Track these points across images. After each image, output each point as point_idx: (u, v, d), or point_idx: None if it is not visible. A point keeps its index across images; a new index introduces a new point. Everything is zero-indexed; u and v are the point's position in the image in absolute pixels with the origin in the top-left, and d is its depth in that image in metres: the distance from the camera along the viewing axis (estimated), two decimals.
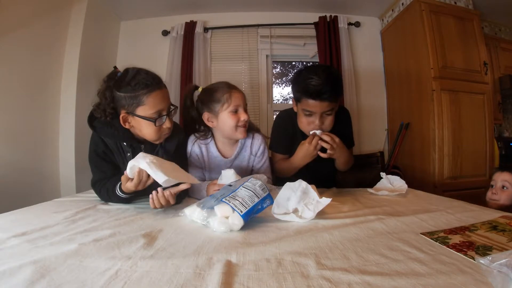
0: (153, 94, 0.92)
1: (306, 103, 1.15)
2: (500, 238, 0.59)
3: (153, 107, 0.92)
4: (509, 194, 1.11)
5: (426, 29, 1.99)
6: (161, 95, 0.94)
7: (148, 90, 0.91)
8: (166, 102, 0.97)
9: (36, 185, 1.78)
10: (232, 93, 1.08)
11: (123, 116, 0.94)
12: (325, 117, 1.18)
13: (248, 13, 2.56)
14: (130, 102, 0.91)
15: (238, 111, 1.08)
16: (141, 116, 0.92)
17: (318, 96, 1.11)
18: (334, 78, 1.14)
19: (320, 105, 1.13)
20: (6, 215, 0.79)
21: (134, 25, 2.59)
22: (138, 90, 0.90)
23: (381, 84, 2.59)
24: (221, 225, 0.66)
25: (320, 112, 1.15)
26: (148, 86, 0.91)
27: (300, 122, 1.24)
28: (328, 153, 1.13)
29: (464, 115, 2.00)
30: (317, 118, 1.16)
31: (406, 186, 1.15)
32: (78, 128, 1.98)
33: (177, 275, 0.44)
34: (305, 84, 1.13)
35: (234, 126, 1.07)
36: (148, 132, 0.96)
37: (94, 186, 1.02)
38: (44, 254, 0.51)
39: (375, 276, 0.44)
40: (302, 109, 1.18)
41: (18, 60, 1.67)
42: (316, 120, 1.16)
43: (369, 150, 2.42)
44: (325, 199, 0.78)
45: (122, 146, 1.01)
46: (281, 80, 2.94)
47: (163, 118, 0.96)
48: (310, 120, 1.18)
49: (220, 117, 1.08)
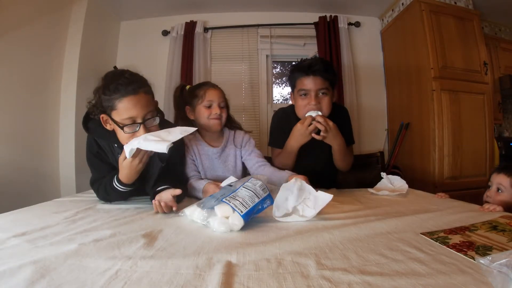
0: (125, 100, 0.87)
1: (300, 82, 1.21)
2: (500, 238, 0.59)
3: (123, 113, 0.87)
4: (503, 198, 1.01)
5: (426, 29, 1.99)
6: (134, 101, 0.88)
7: (120, 95, 0.87)
8: (141, 109, 0.89)
9: (36, 185, 1.78)
10: (208, 90, 1.21)
11: (103, 117, 0.92)
12: (321, 97, 1.21)
13: (248, 13, 2.56)
14: (106, 105, 0.89)
15: (212, 105, 1.20)
16: (114, 121, 0.90)
17: (311, 70, 1.18)
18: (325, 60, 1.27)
19: (314, 81, 1.18)
20: (6, 215, 0.79)
21: (134, 25, 2.59)
22: (112, 94, 0.87)
23: (381, 84, 2.59)
24: (221, 225, 0.66)
25: (315, 90, 1.19)
26: (120, 90, 0.87)
27: (298, 107, 1.26)
28: (321, 135, 1.15)
29: (464, 115, 2.00)
30: (312, 97, 1.19)
31: (407, 186, 1.15)
32: (78, 128, 1.98)
33: (177, 276, 0.44)
34: (298, 65, 1.25)
35: (207, 118, 1.20)
36: (121, 139, 0.92)
37: (92, 186, 1.02)
38: (44, 254, 0.51)
39: (375, 276, 0.44)
40: (298, 91, 1.23)
41: (18, 60, 1.67)
42: (311, 100, 1.19)
43: (369, 150, 2.42)
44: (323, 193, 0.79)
45: (114, 149, 1.00)
46: (281, 80, 2.94)
47: (135, 126, 0.89)
48: (306, 101, 1.21)
49: (196, 110, 1.22)
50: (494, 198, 1.05)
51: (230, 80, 2.55)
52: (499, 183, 1.05)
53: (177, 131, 0.89)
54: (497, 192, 1.05)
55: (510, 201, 1.00)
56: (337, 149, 1.23)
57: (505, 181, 1.04)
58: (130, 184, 0.93)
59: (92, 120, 0.99)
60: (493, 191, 1.06)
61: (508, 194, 1.02)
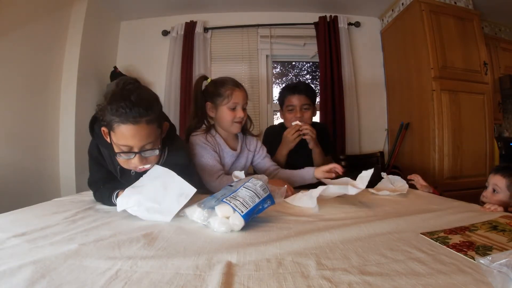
0: (123, 127, 0.78)
1: (288, 99, 1.49)
2: (500, 238, 0.59)
3: (119, 139, 0.80)
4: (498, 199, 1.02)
5: (426, 29, 1.99)
6: (133, 132, 0.79)
7: (119, 120, 0.78)
8: (139, 141, 0.81)
9: (36, 185, 1.78)
10: (235, 91, 1.17)
11: (103, 130, 0.86)
12: (304, 111, 1.48)
13: (248, 13, 2.56)
14: (108, 121, 0.81)
15: (236, 108, 1.18)
16: (111, 140, 0.83)
17: (296, 90, 1.47)
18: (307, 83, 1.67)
19: (299, 98, 1.46)
20: (6, 215, 0.78)
21: (134, 25, 2.59)
22: (113, 115, 0.78)
23: (381, 84, 2.59)
24: (222, 225, 0.66)
25: (299, 105, 1.46)
26: (121, 115, 0.77)
27: (286, 119, 1.52)
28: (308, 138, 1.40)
29: (464, 115, 2.00)
30: (298, 110, 1.46)
31: (407, 186, 1.15)
32: (78, 128, 1.98)
33: (177, 276, 0.44)
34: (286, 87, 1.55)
35: (230, 121, 1.18)
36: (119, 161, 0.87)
37: (90, 186, 1.02)
38: (44, 254, 0.51)
39: (375, 276, 0.44)
40: (286, 106, 1.50)
41: (18, 60, 1.67)
42: (297, 113, 1.46)
43: (369, 150, 2.42)
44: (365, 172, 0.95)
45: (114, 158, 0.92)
46: (281, 80, 2.94)
47: (130, 154, 0.82)
48: (292, 114, 1.47)
49: (219, 110, 1.19)
50: (490, 198, 1.05)
51: None
52: (495, 184, 1.06)
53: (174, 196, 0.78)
54: (493, 193, 1.06)
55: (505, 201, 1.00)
56: (317, 153, 1.46)
57: (500, 182, 1.04)
58: None
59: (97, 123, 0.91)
60: (489, 192, 1.07)
61: (503, 195, 1.03)
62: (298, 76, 3.03)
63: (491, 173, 1.10)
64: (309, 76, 3.03)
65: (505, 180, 1.03)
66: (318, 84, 2.54)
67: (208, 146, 1.16)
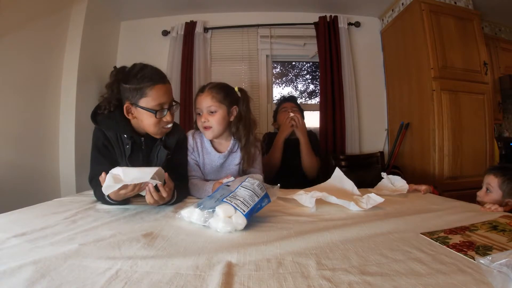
0: (156, 87, 0.96)
1: (282, 106, 1.83)
2: (500, 238, 0.59)
3: (155, 99, 0.96)
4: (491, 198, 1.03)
5: (426, 29, 1.99)
6: (164, 89, 0.99)
7: (152, 83, 0.96)
8: (168, 97, 1.01)
9: (36, 185, 1.78)
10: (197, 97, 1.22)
11: (127, 106, 0.99)
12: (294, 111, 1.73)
13: (248, 13, 2.55)
14: (134, 94, 0.96)
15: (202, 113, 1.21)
16: (143, 107, 0.96)
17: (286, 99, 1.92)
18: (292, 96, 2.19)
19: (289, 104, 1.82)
20: (6, 215, 0.79)
21: (134, 25, 2.59)
22: (143, 83, 0.96)
23: (381, 84, 2.59)
24: (227, 225, 0.66)
25: (290, 107, 1.77)
26: (153, 79, 0.96)
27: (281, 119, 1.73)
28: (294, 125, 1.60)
29: (464, 115, 1.99)
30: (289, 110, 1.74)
31: (407, 186, 1.15)
32: (78, 128, 1.98)
33: (177, 276, 0.44)
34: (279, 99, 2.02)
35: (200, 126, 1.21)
36: (148, 124, 0.99)
37: (91, 182, 1.02)
38: (44, 254, 0.51)
39: (375, 276, 0.44)
40: (281, 109, 1.82)
41: (19, 60, 1.67)
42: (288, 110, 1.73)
43: (369, 150, 2.42)
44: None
45: (122, 138, 1.03)
46: (281, 80, 2.94)
47: (164, 111, 0.99)
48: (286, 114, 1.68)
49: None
50: (483, 198, 1.07)
51: (230, 80, 2.52)
52: (488, 183, 1.07)
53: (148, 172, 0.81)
54: (486, 193, 1.08)
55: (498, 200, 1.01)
56: (303, 143, 1.60)
57: (493, 182, 1.06)
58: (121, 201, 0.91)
59: (100, 114, 1.02)
60: (483, 192, 1.09)
61: (496, 194, 1.04)
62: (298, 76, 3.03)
63: (485, 173, 1.13)
64: (309, 76, 3.03)
65: (497, 179, 1.05)
66: (318, 84, 2.54)
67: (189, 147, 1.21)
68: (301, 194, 0.95)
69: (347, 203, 0.86)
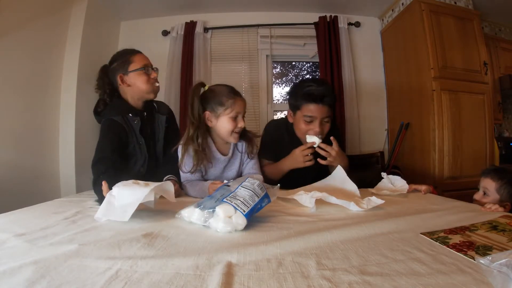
0: (137, 55, 1.25)
1: (307, 109, 1.24)
2: (500, 238, 0.59)
3: (140, 61, 1.23)
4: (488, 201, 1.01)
5: (426, 29, 1.99)
6: (143, 56, 1.27)
7: (132, 53, 1.25)
8: (149, 62, 1.26)
9: (36, 185, 1.77)
10: (236, 100, 1.13)
11: (120, 76, 1.21)
12: (324, 124, 1.27)
13: (248, 13, 2.55)
14: (122, 65, 1.22)
15: (238, 117, 1.14)
16: (133, 70, 1.20)
17: (320, 100, 1.22)
18: (331, 87, 1.29)
19: (321, 110, 1.23)
20: (6, 215, 0.79)
21: (134, 25, 2.59)
22: (126, 55, 1.23)
23: (381, 84, 2.58)
24: (227, 225, 0.66)
25: (320, 118, 1.24)
26: (132, 51, 1.26)
27: (299, 129, 1.30)
28: (328, 161, 1.22)
29: (464, 115, 1.99)
30: (317, 124, 1.24)
31: (407, 186, 1.15)
32: (78, 128, 1.97)
33: (177, 276, 0.44)
34: (306, 91, 1.24)
35: (230, 131, 1.14)
36: (141, 82, 1.21)
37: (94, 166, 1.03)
38: (44, 254, 0.51)
39: (375, 276, 0.44)
40: (303, 116, 1.26)
41: (19, 60, 1.67)
42: (316, 126, 1.24)
43: (369, 150, 2.42)
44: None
45: (128, 119, 1.19)
46: (281, 80, 2.94)
47: (149, 69, 1.24)
48: (310, 127, 1.25)
49: (220, 119, 1.14)
50: (480, 201, 1.06)
51: (230, 80, 2.53)
52: (485, 187, 1.07)
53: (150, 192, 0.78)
54: (483, 196, 1.07)
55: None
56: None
57: (490, 185, 1.05)
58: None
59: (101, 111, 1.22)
60: (480, 195, 1.09)
61: (493, 198, 1.04)
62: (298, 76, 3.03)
63: (481, 175, 1.12)
64: (309, 76, 3.03)
65: (495, 183, 1.05)
66: None
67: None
68: (301, 194, 0.95)
69: (347, 203, 0.86)
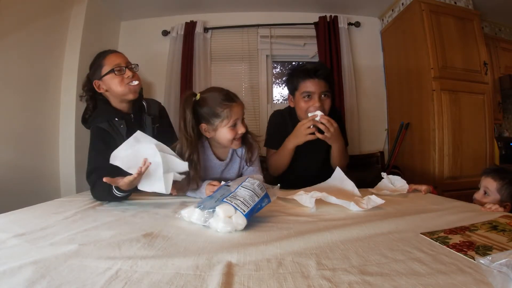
0: (107, 56, 1.13)
1: (304, 85, 1.25)
2: (500, 238, 0.59)
3: (110, 63, 1.12)
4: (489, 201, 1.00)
5: (426, 29, 1.99)
6: (115, 55, 1.15)
7: (104, 55, 1.14)
8: (122, 60, 1.15)
9: (36, 185, 1.78)
10: (232, 108, 1.03)
11: (95, 83, 1.13)
12: (324, 99, 1.25)
13: (248, 13, 2.55)
14: (95, 71, 1.14)
15: (237, 125, 1.06)
16: (104, 74, 1.11)
17: (315, 74, 1.23)
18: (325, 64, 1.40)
19: (318, 84, 1.23)
20: (6, 215, 0.79)
21: (134, 25, 2.59)
22: (98, 59, 1.14)
23: (381, 84, 2.59)
24: (227, 225, 0.66)
25: (318, 92, 1.23)
26: (104, 53, 1.15)
27: (300, 108, 1.28)
28: (324, 136, 1.19)
29: (464, 115, 1.99)
30: (316, 99, 1.23)
31: (407, 186, 1.15)
32: (78, 128, 1.97)
33: (177, 276, 0.44)
34: (301, 69, 1.27)
35: (231, 140, 1.07)
36: (115, 85, 1.11)
37: (89, 177, 1.03)
38: (44, 254, 0.51)
39: (375, 276, 0.44)
40: (301, 93, 1.26)
41: (19, 60, 1.67)
42: (315, 102, 1.23)
43: (369, 150, 2.42)
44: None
45: (115, 124, 1.11)
46: (281, 80, 2.94)
47: (122, 69, 1.12)
48: (310, 103, 1.24)
49: (218, 131, 1.06)
50: (480, 200, 1.05)
51: (230, 80, 2.55)
52: (486, 186, 1.06)
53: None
54: (484, 195, 1.07)
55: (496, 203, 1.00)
56: (337, 150, 1.27)
57: (491, 185, 1.05)
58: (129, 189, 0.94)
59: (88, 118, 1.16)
60: (480, 194, 1.08)
61: (493, 197, 1.03)
62: None
63: (482, 174, 1.11)
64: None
65: (496, 183, 1.04)
66: None
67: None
68: (301, 194, 0.95)
69: (347, 203, 0.86)
